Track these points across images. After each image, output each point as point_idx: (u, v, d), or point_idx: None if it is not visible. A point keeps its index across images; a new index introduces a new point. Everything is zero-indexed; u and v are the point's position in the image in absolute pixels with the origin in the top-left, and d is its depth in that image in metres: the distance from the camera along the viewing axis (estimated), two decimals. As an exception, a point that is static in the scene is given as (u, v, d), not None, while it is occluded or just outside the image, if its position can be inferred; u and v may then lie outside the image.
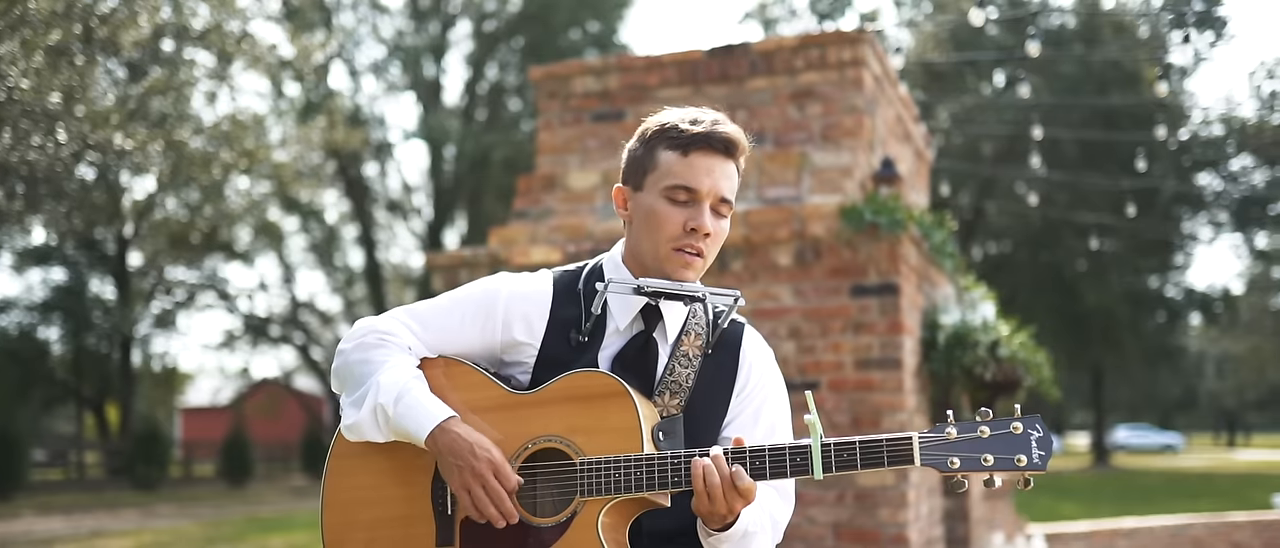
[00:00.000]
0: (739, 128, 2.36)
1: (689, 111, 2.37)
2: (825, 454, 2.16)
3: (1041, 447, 2.09)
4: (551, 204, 7.31)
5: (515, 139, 31.80)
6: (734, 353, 2.44)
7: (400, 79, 34.38)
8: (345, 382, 2.41)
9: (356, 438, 2.36)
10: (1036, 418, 2.11)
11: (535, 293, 2.42)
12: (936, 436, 2.13)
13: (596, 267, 2.46)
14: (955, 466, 2.11)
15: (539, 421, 2.30)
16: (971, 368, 6.50)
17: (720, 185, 2.32)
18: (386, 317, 2.45)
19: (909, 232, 6.23)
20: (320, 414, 38.95)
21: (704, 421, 2.38)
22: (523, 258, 6.62)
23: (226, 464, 29.74)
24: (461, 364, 2.41)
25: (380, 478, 2.39)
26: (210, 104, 19.19)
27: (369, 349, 2.38)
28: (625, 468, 2.22)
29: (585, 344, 2.37)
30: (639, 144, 2.38)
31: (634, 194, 2.38)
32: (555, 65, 7.90)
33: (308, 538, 15.24)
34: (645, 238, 2.35)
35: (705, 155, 2.30)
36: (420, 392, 2.31)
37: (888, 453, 2.13)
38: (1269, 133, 31.33)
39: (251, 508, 21.60)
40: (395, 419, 2.29)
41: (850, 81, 7.16)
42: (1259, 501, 19.90)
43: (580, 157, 7.58)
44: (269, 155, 18.44)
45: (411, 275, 36.44)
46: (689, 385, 2.36)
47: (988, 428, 2.11)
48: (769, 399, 2.46)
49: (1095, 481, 28.57)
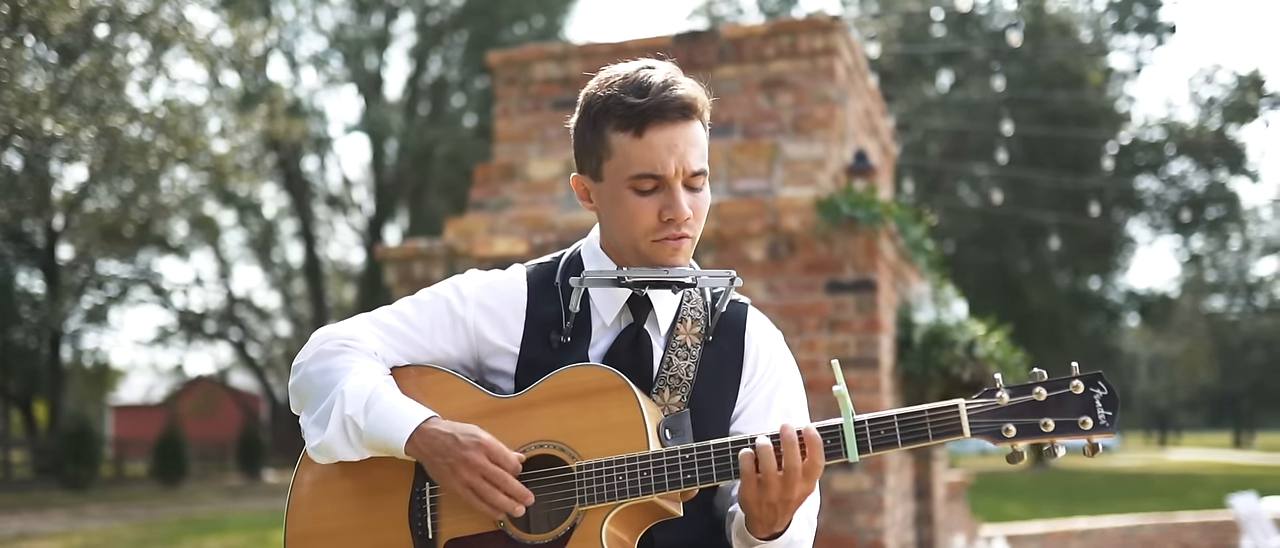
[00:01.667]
0: (692, 82, 2.04)
1: (632, 75, 2.02)
2: (860, 433, 1.89)
3: (1107, 406, 1.83)
4: (511, 194, 7.00)
5: (459, 134, 31.40)
6: (738, 338, 2.16)
7: (341, 71, 33.81)
8: (305, 398, 2.10)
9: (327, 459, 2.06)
10: (1099, 374, 1.85)
11: (507, 292, 2.14)
12: (987, 401, 1.86)
13: (574, 257, 2.18)
14: (1011, 434, 1.85)
15: (528, 425, 2.02)
16: (949, 368, 6.29)
17: (688, 159, 2.00)
18: (347, 323, 2.17)
19: (887, 226, 6.00)
20: (257, 412, 38.25)
21: (711, 415, 2.10)
22: (485, 250, 6.31)
23: (159, 464, 29.06)
24: (436, 371, 2.12)
25: (348, 506, 2.10)
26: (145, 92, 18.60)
27: (330, 358, 2.09)
28: (630, 469, 1.94)
29: (568, 345, 2.09)
30: (585, 125, 2.06)
31: (594, 185, 2.08)
32: (514, 51, 7.60)
33: (243, 540, 14.82)
34: (619, 233, 2.07)
35: (662, 129, 1.98)
36: (392, 396, 2.02)
37: (932, 426, 1.86)
38: (1207, 137, 31.76)
39: (186, 509, 21.05)
40: (368, 430, 1.99)
41: (822, 71, 6.92)
42: (1199, 500, 20.06)
43: (540, 145, 7.28)
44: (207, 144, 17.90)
45: (352, 271, 35.88)
46: (690, 379, 2.08)
47: (1044, 390, 1.85)
48: (782, 384, 2.18)
49: (1037, 481, 28.75)
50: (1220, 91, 32.27)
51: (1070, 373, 1.87)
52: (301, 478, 2.15)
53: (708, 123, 2.09)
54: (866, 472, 5.91)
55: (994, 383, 1.88)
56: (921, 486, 7.75)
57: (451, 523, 2.02)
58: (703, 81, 2.10)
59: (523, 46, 8.93)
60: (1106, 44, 31.96)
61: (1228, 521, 13.33)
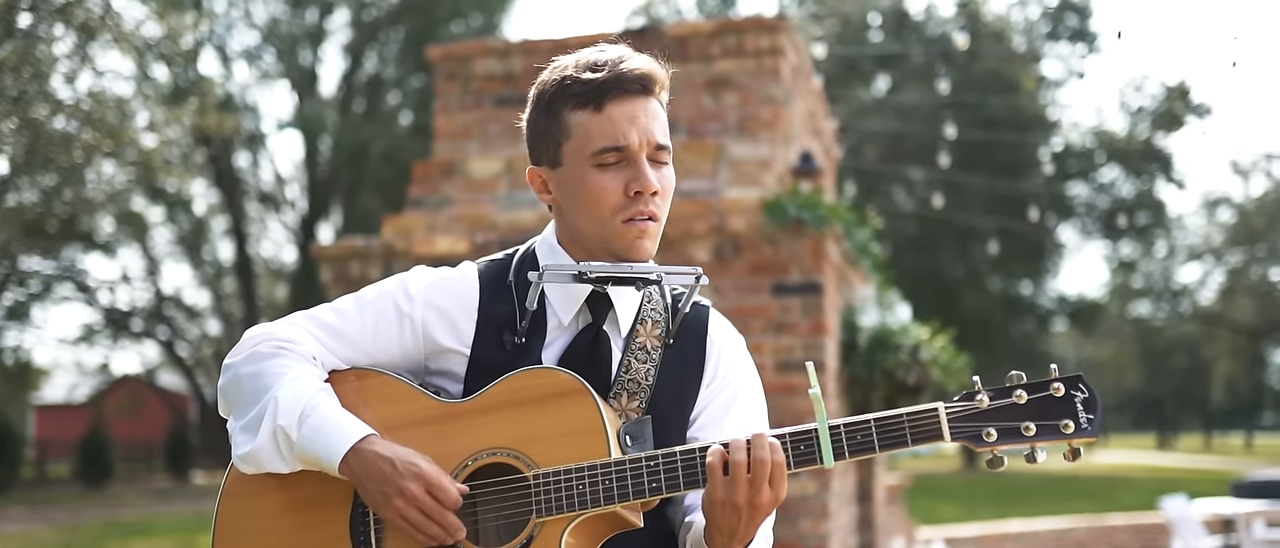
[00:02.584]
0: (648, 58, 1.97)
1: (584, 56, 1.96)
2: (835, 438, 1.81)
3: (1088, 409, 1.79)
4: (451, 193, 6.85)
5: (395, 132, 31.02)
6: (700, 341, 2.06)
7: (274, 67, 33.26)
8: (234, 402, 1.96)
9: (254, 470, 1.92)
10: (1079, 377, 1.81)
11: (458, 290, 2.02)
12: (966, 405, 1.81)
13: (529, 253, 2.07)
14: (991, 438, 1.80)
15: (480, 431, 1.90)
16: (893, 371, 6.26)
17: (651, 131, 1.93)
18: (283, 322, 2.02)
19: (833, 229, 5.95)
20: (185, 413, 37.54)
21: (672, 422, 2.00)
22: (425, 249, 6.15)
23: (84, 465, 28.41)
24: (378, 374, 1.99)
25: (284, 521, 1.96)
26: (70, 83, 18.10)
27: (263, 360, 1.94)
28: (591, 478, 1.83)
29: (522, 346, 1.97)
30: (539, 113, 1.98)
31: (552, 173, 1.99)
32: (455, 45, 7.45)
33: (170, 544, 14.48)
34: (582, 218, 1.96)
35: (622, 102, 1.92)
36: (330, 407, 1.89)
37: (911, 430, 1.80)
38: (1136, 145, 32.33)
39: (111, 511, 20.57)
40: (301, 443, 1.86)
41: (768, 71, 6.86)
42: (1126, 502, 20.36)
43: (481, 143, 7.14)
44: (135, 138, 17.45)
45: (284, 270, 35.32)
46: (650, 383, 1.98)
47: (1025, 392, 1.80)
48: (742, 392, 2.08)
49: (969, 482, 29.06)
50: (1149, 101, 32.89)
51: (1050, 375, 1.81)
52: (232, 488, 2.00)
53: (666, 104, 2.00)
54: (811, 477, 5.85)
55: (973, 385, 1.81)
56: (863, 489, 7.72)
57: (396, 540, 1.90)
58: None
59: (464, 41, 8.78)
60: (1040, 51, 32.41)
61: (1158, 523, 13.52)
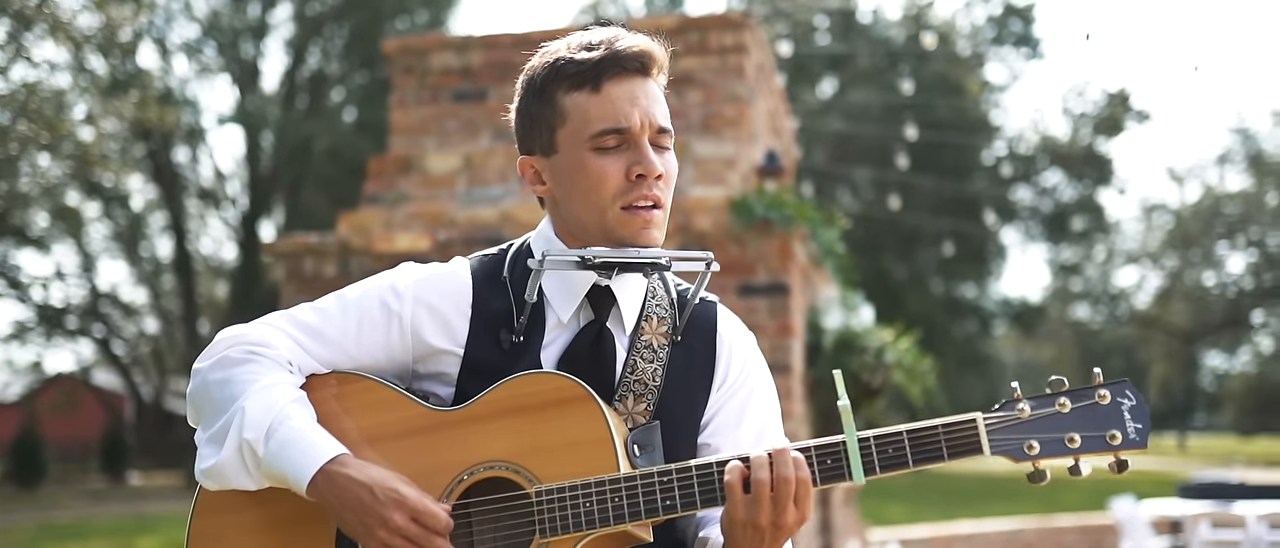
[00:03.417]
0: (645, 36, 1.85)
1: (577, 37, 1.85)
2: (865, 452, 1.69)
3: (1136, 418, 1.68)
4: (408, 189, 6.69)
5: (339, 129, 30.61)
6: (709, 338, 1.93)
7: (215, 61, 32.68)
8: (202, 411, 1.81)
9: (218, 485, 1.76)
10: (1125, 384, 1.70)
11: (450, 287, 1.88)
12: (1006, 415, 1.70)
13: (523, 248, 1.94)
14: (1033, 452, 1.68)
15: (475, 443, 1.76)
16: (859, 374, 6.19)
17: (653, 112, 1.82)
18: (259, 324, 1.87)
19: (800, 229, 5.87)
20: (121, 412, 36.79)
21: (680, 427, 1.87)
22: (385, 246, 5.99)
23: (15, 465, 27.74)
24: (362, 379, 1.84)
25: (265, 540, 1.80)
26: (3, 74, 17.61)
27: (233, 366, 1.79)
28: (599, 495, 1.69)
29: (520, 345, 1.83)
30: (531, 98, 1.86)
31: (546, 162, 1.86)
32: (412, 38, 7.30)
33: (107, 546, 14.12)
34: (581, 206, 1.83)
35: (620, 81, 1.80)
36: (302, 421, 1.73)
37: (947, 444, 1.69)
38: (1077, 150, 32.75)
39: (44, 514, 20.05)
40: (267, 459, 1.70)
41: (732, 69, 6.78)
42: (1070, 503, 20.55)
43: (438, 138, 6.98)
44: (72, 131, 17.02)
45: (224, 267, 34.75)
46: (657, 385, 1.85)
47: (1068, 400, 1.69)
48: (755, 394, 1.95)
49: (913, 483, 29.22)
50: (1090, 107, 33.34)
51: (1094, 381, 1.70)
52: (207, 502, 1.84)
53: (664, 88, 1.88)
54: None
55: (1011, 392, 1.70)
56: (822, 492, 7.67)
57: None
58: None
59: (421, 35, 8.60)
60: (985, 56, 32.72)
61: (1106, 524, 13.63)
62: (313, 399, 1.81)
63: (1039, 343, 49.28)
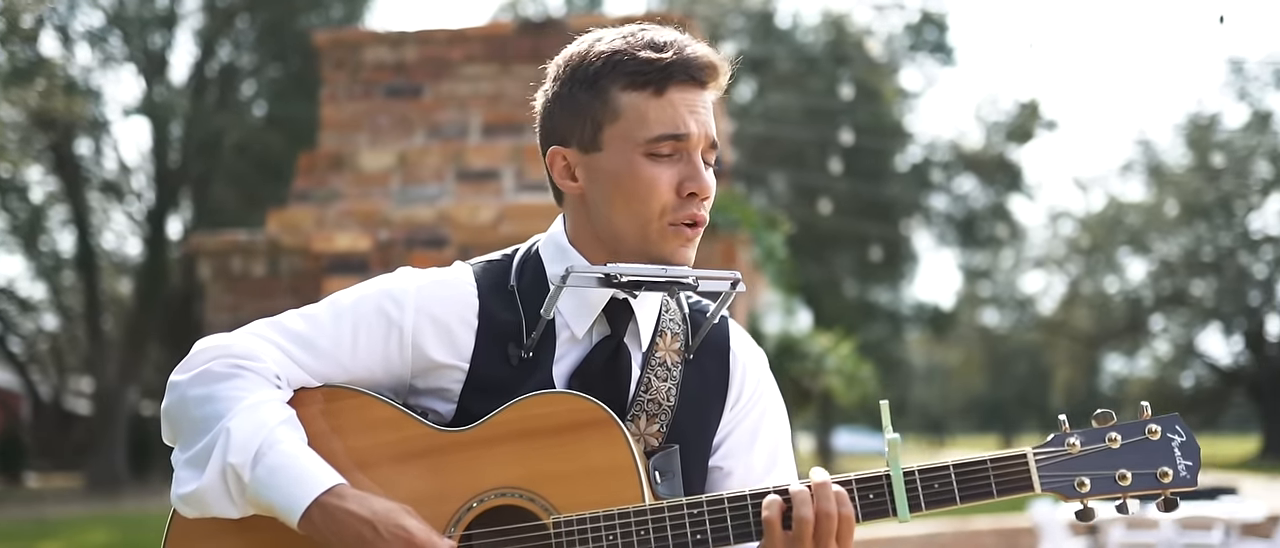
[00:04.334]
0: (710, 48, 1.78)
1: (637, 33, 1.75)
2: (910, 487, 1.60)
3: (1187, 455, 1.61)
4: (339, 186, 6.49)
5: (250, 123, 29.98)
6: (723, 356, 1.83)
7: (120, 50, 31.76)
8: (180, 429, 1.65)
9: (197, 513, 1.61)
10: (1176, 418, 1.63)
11: (454, 296, 1.74)
12: (1056, 450, 1.62)
13: (530, 253, 1.81)
14: (1085, 489, 1.61)
15: (486, 467, 1.62)
16: (799, 379, 6.15)
17: (709, 126, 1.73)
18: (243, 333, 1.71)
19: (744, 232, 5.80)
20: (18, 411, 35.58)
21: (694, 448, 1.77)
22: (324, 246, 5.79)
23: (-97, 467, 26.65)
24: (356, 395, 1.69)
25: None
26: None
27: (216, 381, 1.63)
28: (623, 526, 1.58)
29: (530, 361, 1.70)
30: (576, 87, 1.74)
31: (585, 157, 1.73)
32: (344, 31, 7.12)
33: (7, 554, 13.58)
34: (621, 213, 1.71)
35: (685, 90, 1.71)
36: (293, 445, 1.59)
37: (997, 480, 1.61)
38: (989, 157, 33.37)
39: (-65, 518, 19.23)
40: (254, 486, 1.56)
41: (673, 69, 6.69)
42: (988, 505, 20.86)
43: (371, 134, 6.79)
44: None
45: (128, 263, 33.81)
46: (671, 404, 1.74)
47: (1119, 435, 1.62)
48: (768, 414, 1.86)
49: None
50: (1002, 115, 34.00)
51: (1142, 415, 1.62)
52: (182, 527, 1.67)
53: None
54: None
55: (1060, 426, 1.62)
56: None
57: None
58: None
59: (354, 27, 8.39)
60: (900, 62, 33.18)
61: (1024, 526, 13.81)
62: (301, 416, 1.65)
63: (948, 347, 50.15)
